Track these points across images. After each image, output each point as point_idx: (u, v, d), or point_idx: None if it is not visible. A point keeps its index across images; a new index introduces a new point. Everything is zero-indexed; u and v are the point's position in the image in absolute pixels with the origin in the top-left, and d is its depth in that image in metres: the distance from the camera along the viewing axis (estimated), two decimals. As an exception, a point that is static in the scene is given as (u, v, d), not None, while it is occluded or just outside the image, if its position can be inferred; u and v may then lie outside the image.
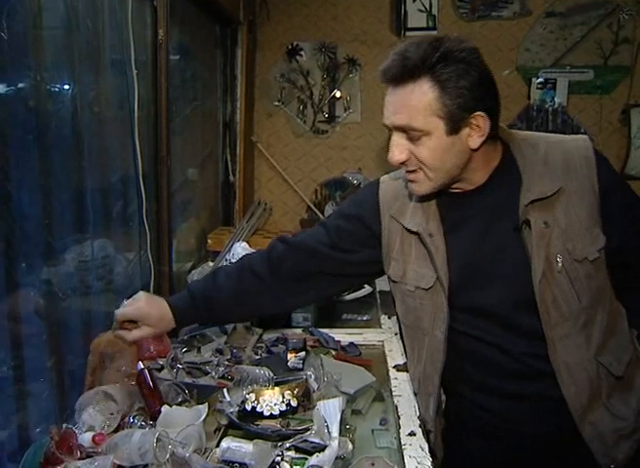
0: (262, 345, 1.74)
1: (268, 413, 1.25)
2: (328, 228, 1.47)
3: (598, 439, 1.28)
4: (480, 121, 1.20)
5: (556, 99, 3.25)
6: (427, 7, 3.18)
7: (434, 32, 3.19)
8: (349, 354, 1.78)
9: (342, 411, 1.28)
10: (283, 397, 1.27)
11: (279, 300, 1.50)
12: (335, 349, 1.79)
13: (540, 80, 3.24)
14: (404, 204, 1.37)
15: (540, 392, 1.32)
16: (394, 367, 1.70)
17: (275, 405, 1.26)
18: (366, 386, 1.57)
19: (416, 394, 1.49)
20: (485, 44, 3.20)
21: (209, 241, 2.53)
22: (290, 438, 1.21)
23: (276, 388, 1.30)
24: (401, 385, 1.59)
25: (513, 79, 3.26)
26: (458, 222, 1.31)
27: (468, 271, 1.30)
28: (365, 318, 2.14)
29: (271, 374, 1.39)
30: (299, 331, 1.91)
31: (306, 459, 1.17)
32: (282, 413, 1.26)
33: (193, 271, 2.26)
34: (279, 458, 1.17)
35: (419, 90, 1.17)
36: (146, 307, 1.41)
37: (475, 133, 1.21)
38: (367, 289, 2.41)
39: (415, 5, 3.18)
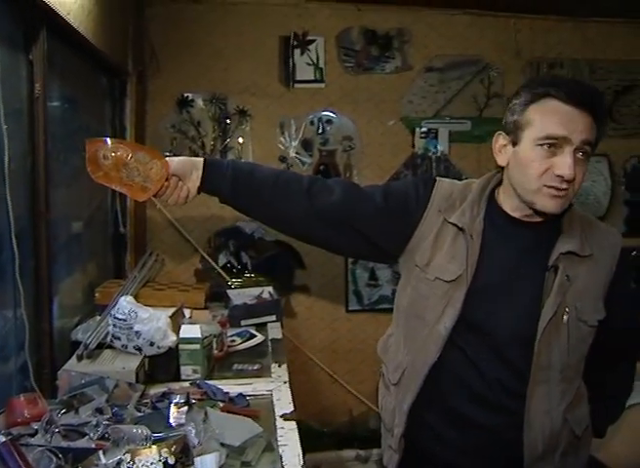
0: (148, 401, 1.69)
1: (145, 474, 1.22)
2: (377, 188, 1.52)
3: None
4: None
5: (439, 148, 3.44)
6: (315, 60, 3.31)
7: (322, 85, 3.32)
8: (237, 405, 1.77)
9: (221, 466, 1.27)
10: (160, 455, 1.24)
11: (300, 218, 1.47)
12: (223, 401, 1.77)
13: (424, 130, 3.43)
14: (454, 204, 1.44)
15: (499, 427, 1.40)
16: (281, 416, 1.71)
17: (152, 464, 1.22)
18: (253, 437, 1.56)
19: (394, 385, 1.51)
20: (371, 96, 3.37)
21: (96, 295, 2.45)
22: (167, 498, 1.19)
23: (153, 446, 1.26)
24: (287, 434, 1.60)
25: (398, 129, 3.42)
26: (496, 241, 1.40)
27: (488, 285, 1.38)
28: (256, 367, 2.13)
29: (149, 432, 1.35)
30: (186, 384, 1.88)
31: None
32: (159, 473, 1.23)
33: (79, 327, 2.18)
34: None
35: (592, 119, 1.29)
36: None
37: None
38: (259, 337, 2.41)
39: (302, 58, 3.30)
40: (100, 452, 1.29)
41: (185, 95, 3.22)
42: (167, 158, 1.43)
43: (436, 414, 1.45)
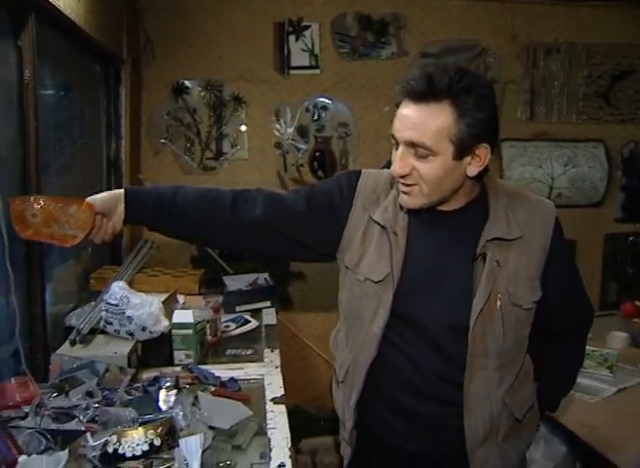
0: (139, 385, 1.71)
1: (130, 454, 1.24)
2: (300, 193, 1.48)
3: None
4: (482, 152, 1.28)
5: (434, 134, 3.42)
6: (310, 47, 3.30)
7: (317, 71, 3.31)
8: (229, 389, 1.78)
9: (209, 447, 1.29)
10: (146, 436, 1.26)
11: (227, 233, 1.45)
12: (214, 385, 1.78)
13: (419, 116, 3.41)
14: (378, 199, 1.42)
15: (442, 417, 1.41)
16: (272, 399, 1.72)
17: (137, 445, 1.24)
18: (242, 421, 1.58)
19: (341, 382, 1.54)
20: (365, 82, 3.36)
21: (91, 281, 2.47)
22: (151, 478, 1.20)
23: (140, 428, 1.28)
24: (276, 418, 1.62)
25: (394, 115, 3.39)
26: (422, 234, 1.38)
27: (417, 280, 1.37)
28: (249, 352, 2.15)
29: (136, 414, 1.37)
30: (178, 369, 1.90)
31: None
32: (145, 453, 1.25)
33: (72, 313, 2.20)
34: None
35: (439, 111, 1.21)
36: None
37: (475, 162, 1.29)
38: (253, 323, 2.43)
39: (298, 45, 3.29)
40: (88, 434, 1.31)
41: (181, 82, 3.22)
42: (89, 198, 1.39)
43: (382, 406, 1.47)
